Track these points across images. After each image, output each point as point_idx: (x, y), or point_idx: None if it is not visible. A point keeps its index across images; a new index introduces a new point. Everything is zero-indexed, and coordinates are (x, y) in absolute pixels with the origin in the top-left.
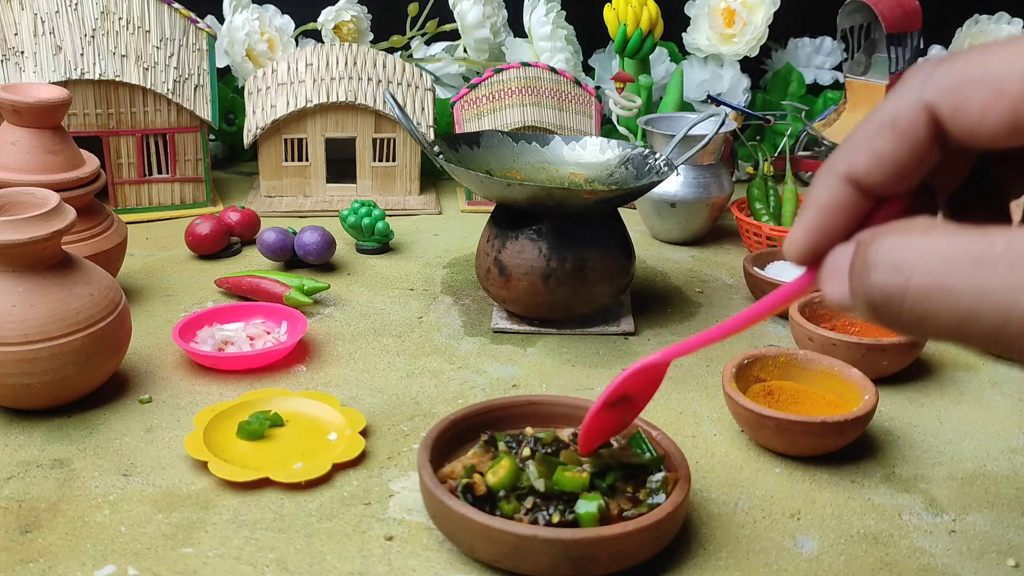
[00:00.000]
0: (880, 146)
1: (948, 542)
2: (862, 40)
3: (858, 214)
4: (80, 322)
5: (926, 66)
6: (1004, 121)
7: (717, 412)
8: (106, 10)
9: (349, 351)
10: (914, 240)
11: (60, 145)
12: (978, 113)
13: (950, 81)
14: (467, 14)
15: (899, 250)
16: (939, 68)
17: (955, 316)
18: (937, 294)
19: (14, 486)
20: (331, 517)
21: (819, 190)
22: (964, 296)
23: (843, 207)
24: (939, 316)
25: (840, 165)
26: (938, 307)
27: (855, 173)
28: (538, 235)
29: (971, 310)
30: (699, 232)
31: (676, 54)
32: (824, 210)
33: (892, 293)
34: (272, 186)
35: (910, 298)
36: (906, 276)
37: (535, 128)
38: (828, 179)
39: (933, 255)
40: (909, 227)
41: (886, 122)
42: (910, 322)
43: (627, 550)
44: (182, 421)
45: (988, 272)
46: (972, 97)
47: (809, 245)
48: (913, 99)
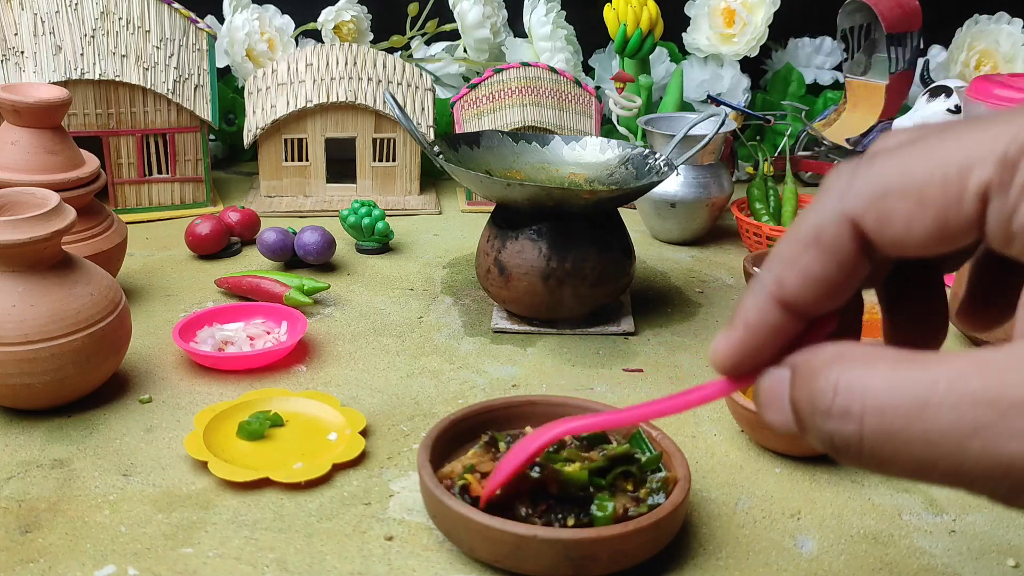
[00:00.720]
0: (807, 265)
1: (948, 542)
2: (862, 40)
3: (787, 335)
4: (80, 322)
5: (846, 172)
6: (931, 231)
7: (717, 412)
8: (106, 10)
9: (349, 351)
10: (858, 378)
11: (60, 145)
12: (903, 225)
13: (870, 192)
14: (467, 14)
15: (844, 392)
16: (858, 176)
17: (911, 462)
18: (890, 442)
19: (14, 486)
20: (331, 517)
21: (747, 308)
22: (915, 442)
23: (772, 329)
24: (896, 462)
25: (769, 285)
26: (894, 454)
27: (784, 295)
28: (538, 235)
29: (925, 456)
30: (699, 232)
31: (676, 54)
32: (752, 330)
33: (849, 441)
34: (272, 186)
35: (867, 445)
36: (858, 423)
37: (535, 128)
38: (756, 298)
39: (878, 398)
40: (846, 356)
41: (810, 237)
42: (871, 466)
43: (627, 550)
44: (182, 421)
45: (933, 417)
46: (895, 209)
47: (735, 361)
48: (836, 211)
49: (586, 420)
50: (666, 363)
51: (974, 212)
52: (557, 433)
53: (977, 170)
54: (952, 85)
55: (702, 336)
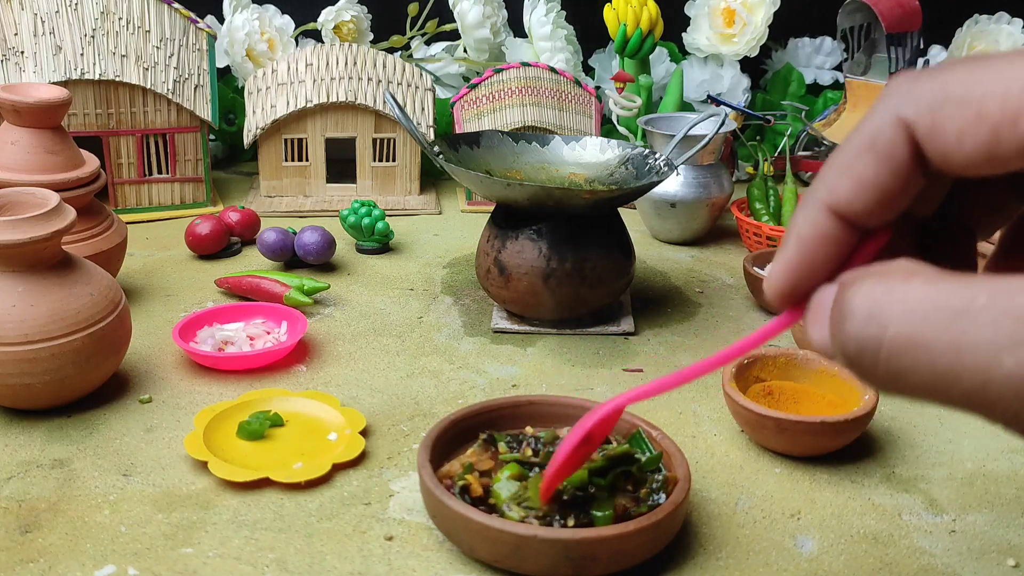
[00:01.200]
0: (861, 170)
1: (948, 542)
2: (862, 40)
3: (842, 249)
4: (80, 322)
5: (905, 80)
6: (981, 147)
7: (717, 412)
8: (106, 10)
9: (349, 351)
10: (892, 287)
11: (60, 145)
12: (955, 137)
13: (928, 99)
14: (467, 14)
15: (875, 298)
16: (918, 83)
17: (932, 374)
18: (913, 349)
19: (14, 486)
20: (331, 517)
21: (800, 223)
22: (942, 353)
23: (825, 241)
24: (916, 373)
25: (822, 194)
26: (914, 363)
27: (838, 202)
28: (538, 235)
29: (949, 368)
30: (699, 232)
31: (676, 54)
32: (805, 245)
33: (867, 345)
34: (272, 186)
35: (885, 352)
36: (881, 327)
37: (535, 128)
38: (809, 210)
39: (911, 305)
40: (889, 271)
41: (865, 143)
42: (886, 377)
43: (627, 550)
44: (182, 421)
45: (968, 327)
46: (950, 118)
47: (790, 284)
48: (891, 116)
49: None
50: (666, 363)
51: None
52: (615, 405)
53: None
54: None
55: (702, 336)
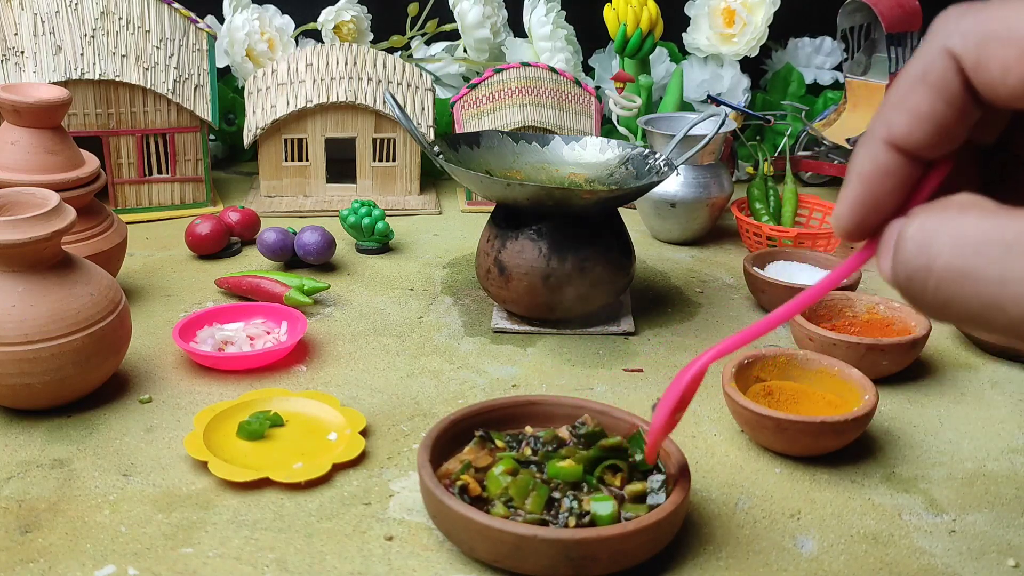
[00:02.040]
0: (916, 103)
1: (948, 542)
2: (862, 40)
3: (904, 182)
4: (80, 322)
5: (953, 14)
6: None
7: (717, 412)
8: (106, 10)
9: (349, 351)
10: (947, 219)
11: (60, 145)
12: (999, 71)
13: (974, 33)
14: (467, 14)
15: (929, 229)
16: (964, 17)
17: (978, 303)
18: (961, 279)
19: (14, 486)
20: (331, 517)
21: (860, 160)
22: (988, 283)
23: (887, 175)
24: (962, 302)
25: (879, 130)
26: (961, 292)
27: (895, 136)
28: (538, 235)
29: (994, 298)
30: (699, 232)
31: (676, 54)
32: (867, 181)
33: (916, 274)
34: (272, 186)
35: (934, 281)
36: (932, 257)
37: (535, 128)
38: (869, 147)
39: (962, 237)
40: (947, 204)
41: (918, 76)
42: (935, 305)
43: (627, 550)
44: (182, 421)
45: (1015, 260)
46: (994, 54)
47: (856, 220)
48: (940, 49)
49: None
50: (666, 363)
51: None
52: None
53: None
54: None
55: (702, 336)
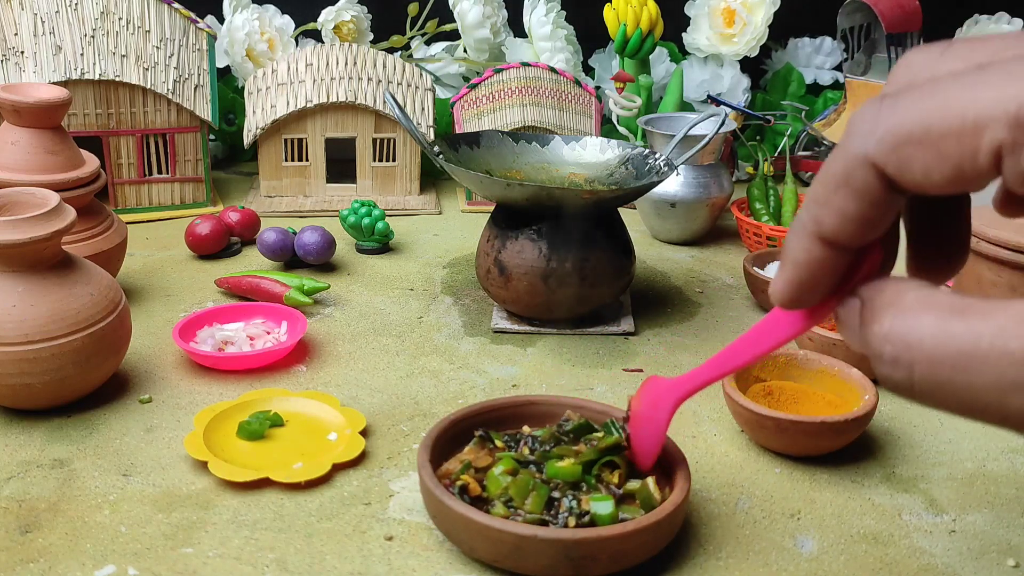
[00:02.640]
0: (842, 205)
1: (948, 542)
2: (862, 40)
3: (837, 267)
4: (80, 322)
5: (870, 114)
6: (948, 178)
7: (717, 412)
8: (106, 10)
9: (349, 351)
10: (908, 330)
11: (60, 145)
12: (922, 172)
13: (892, 139)
14: (467, 14)
15: (895, 342)
16: (880, 120)
17: (961, 408)
18: (939, 387)
19: (14, 486)
20: (331, 517)
21: (793, 248)
22: (961, 393)
23: (821, 264)
24: (946, 404)
25: (809, 225)
26: (944, 399)
27: (825, 233)
28: (538, 235)
29: (972, 404)
30: (699, 232)
31: (676, 54)
32: (802, 268)
33: (901, 385)
34: (272, 186)
35: (918, 391)
36: (908, 371)
37: (535, 128)
38: (800, 239)
39: (925, 350)
40: (902, 300)
41: (840, 180)
42: (927, 405)
43: (627, 550)
44: (182, 421)
45: (978, 372)
46: (913, 157)
47: (795, 297)
48: (860, 155)
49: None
50: (666, 363)
51: (988, 166)
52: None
53: (990, 130)
54: None
55: (702, 336)
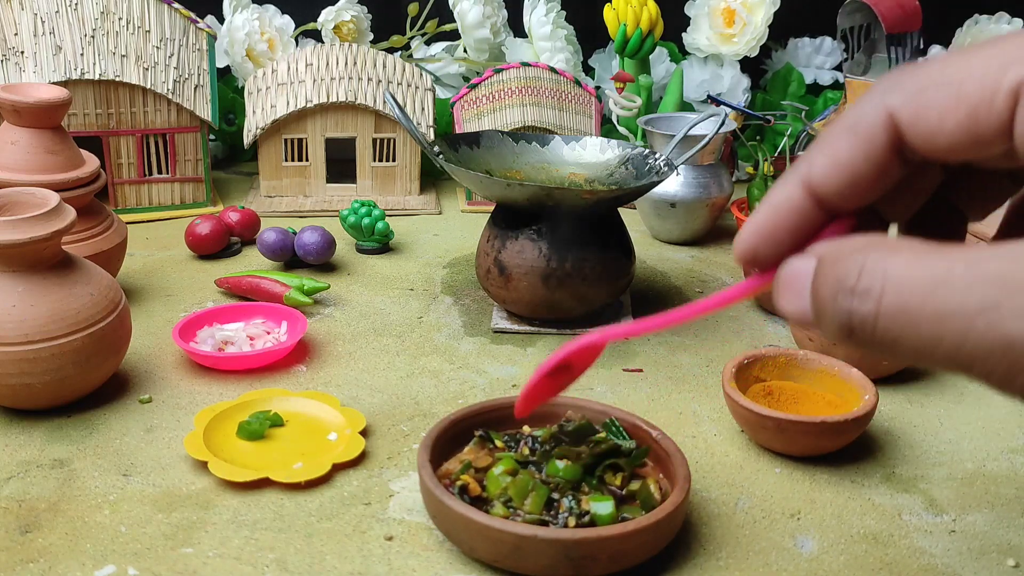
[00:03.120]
0: (838, 150)
1: (948, 542)
2: (862, 40)
3: (807, 223)
4: (80, 322)
5: (893, 74)
6: (962, 126)
7: (717, 412)
8: (106, 10)
9: (349, 351)
10: (882, 260)
11: (60, 145)
12: (937, 117)
13: (912, 86)
14: (467, 14)
15: (869, 273)
16: (903, 75)
17: (919, 339)
18: (903, 317)
19: (14, 486)
20: (331, 517)
21: (775, 191)
22: (926, 319)
23: (792, 212)
24: (906, 339)
25: (800, 167)
26: (904, 331)
27: (812, 177)
28: (538, 235)
29: (932, 333)
30: (699, 232)
31: (676, 54)
32: (774, 210)
33: (865, 319)
34: (272, 186)
35: (881, 324)
36: (876, 301)
37: (535, 128)
38: (786, 181)
39: (899, 278)
40: (875, 244)
41: (848, 126)
42: (882, 344)
43: (627, 550)
44: (182, 421)
45: (947, 295)
46: (932, 100)
47: (752, 244)
48: (876, 104)
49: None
50: (666, 363)
51: (1005, 109)
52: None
53: (1014, 68)
54: None
55: (702, 336)
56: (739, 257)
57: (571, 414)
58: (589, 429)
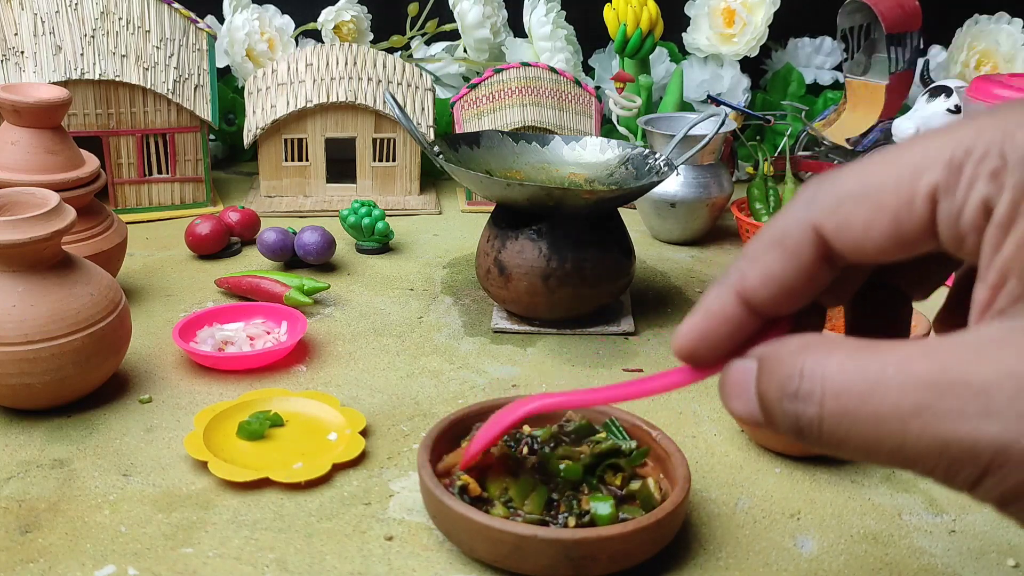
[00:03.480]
0: (769, 264)
1: (948, 542)
2: (862, 40)
3: (743, 328)
4: (80, 322)
5: (812, 184)
6: (887, 233)
7: (717, 412)
8: (106, 10)
9: (349, 351)
10: (820, 364)
11: (60, 145)
12: (861, 229)
13: (832, 200)
14: (467, 14)
15: (808, 377)
16: (823, 187)
17: (862, 440)
18: (847, 421)
19: (14, 486)
20: (331, 517)
21: (710, 297)
22: (865, 424)
23: (730, 320)
24: (851, 440)
25: (733, 277)
26: (849, 432)
27: (745, 290)
28: (538, 235)
29: (872, 435)
30: (699, 232)
31: (676, 54)
32: (710, 318)
33: (811, 422)
34: (272, 186)
35: (826, 427)
36: (818, 405)
37: (535, 128)
38: (720, 289)
39: (836, 381)
40: (811, 345)
41: (776, 239)
42: (831, 445)
43: (627, 550)
44: (182, 421)
45: (881, 399)
46: (853, 213)
47: (693, 347)
48: (801, 218)
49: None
50: (666, 363)
51: (925, 213)
52: (528, 410)
53: (927, 174)
54: (952, 85)
55: None
56: (678, 355)
57: (571, 414)
58: (589, 429)
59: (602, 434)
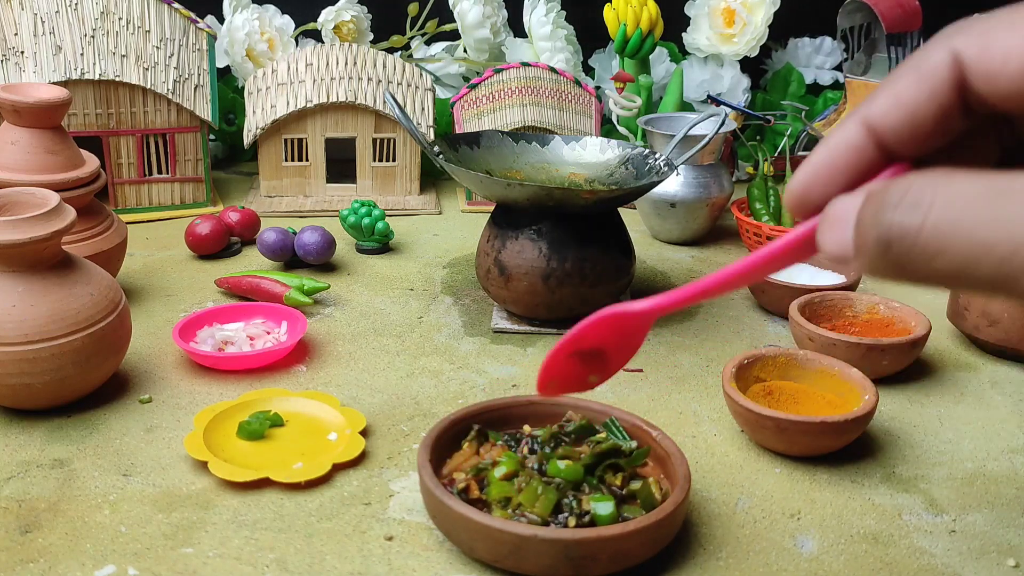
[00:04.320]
0: (901, 88)
1: (948, 542)
2: (862, 40)
3: (864, 165)
4: (80, 322)
5: (959, 22)
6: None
7: (717, 412)
8: (106, 10)
9: (349, 351)
10: (936, 180)
11: (60, 145)
12: (1001, 57)
13: (979, 28)
14: (467, 14)
15: (919, 189)
16: (972, 21)
17: (966, 249)
18: (952, 227)
19: (14, 486)
20: (331, 517)
21: (834, 133)
22: (978, 226)
23: (851, 151)
24: (950, 251)
25: (861, 108)
26: (951, 240)
27: (872, 116)
28: (538, 235)
29: (983, 241)
30: (699, 232)
31: (676, 54)
32: (830, 150)
33: (907, 230)
34: (272, 186)
35: (925, 234)
36: (924, 213)
37: (535, 128)
38: (846, 122)
39: (954, 192)
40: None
41: (912, 65)
42: (920, 259)
43: (627, 550)
44: (182, 421)
45: (1006, 203)
46: (997, 40)
47: (806, 187)
48: (941, 44)
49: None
50: (666, 363)
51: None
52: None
53: None
54: None
55: (702, 336)
56: (789, 201)
57: (571, 414)
58: (589, 429)
59: (602, 434)
